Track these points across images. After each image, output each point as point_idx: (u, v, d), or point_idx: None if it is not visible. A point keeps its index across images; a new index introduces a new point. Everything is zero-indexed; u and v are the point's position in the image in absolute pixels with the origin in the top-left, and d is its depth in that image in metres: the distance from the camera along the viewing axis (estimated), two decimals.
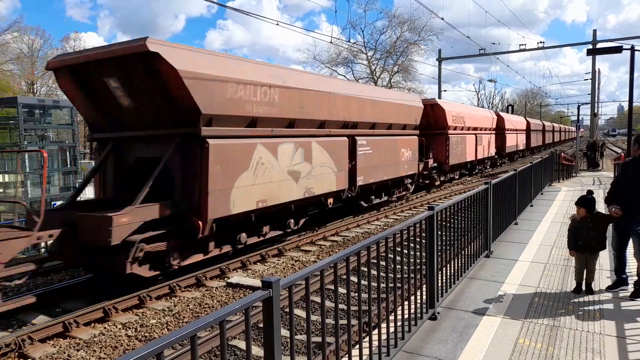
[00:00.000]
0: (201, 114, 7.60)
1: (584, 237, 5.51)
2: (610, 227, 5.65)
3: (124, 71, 7.68)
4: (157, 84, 7.53)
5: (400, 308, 4.14)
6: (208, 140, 7.79)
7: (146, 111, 8.04)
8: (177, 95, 7.52)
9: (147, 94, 7.77)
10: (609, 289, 5.59)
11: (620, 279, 5.59)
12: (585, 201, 5.59)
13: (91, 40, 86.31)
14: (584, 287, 5.59)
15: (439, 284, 5.00)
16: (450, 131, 20.36)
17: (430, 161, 19.21)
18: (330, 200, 11.92)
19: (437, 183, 20.61)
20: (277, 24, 14.62)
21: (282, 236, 10.93)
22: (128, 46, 7.27)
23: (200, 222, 7.75)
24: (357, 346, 3.57)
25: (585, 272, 5.58)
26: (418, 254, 4.61)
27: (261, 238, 9.89)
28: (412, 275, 4.54)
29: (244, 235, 9.24)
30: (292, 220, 10.67)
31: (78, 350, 5.90)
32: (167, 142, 7.94)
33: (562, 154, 20.65)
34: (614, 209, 5.34)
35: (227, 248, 9.01)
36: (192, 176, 7.86)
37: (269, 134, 9.26)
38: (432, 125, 19.79)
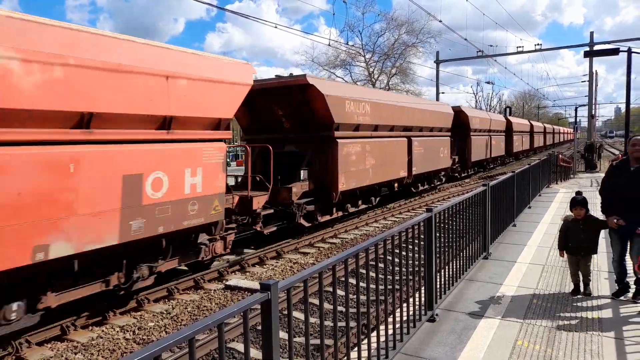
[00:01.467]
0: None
1: (575, 238, 5.50)
2: (605, 232, 5.61)
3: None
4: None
5: (399, 310, 4.13)
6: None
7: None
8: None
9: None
10: (614, 296, 5.43)
11: (624, 286, 5.44)
12: (582, 201, 5.54)
13: None
14: (581, 289, 5.58)
15: (438, 286, 5.00)
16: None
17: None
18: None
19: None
20: (276, 27, 14.66)
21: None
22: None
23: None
24: (356, 348, 3.57)
25: (580, 273, 5.57)
26: (417, 255, 4.61)
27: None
28: (410, 277, 4.54)
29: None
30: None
31: (76, 354, 5.87)
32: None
33: (560, 155, 20.70)
34: (615, 220, 5.20)
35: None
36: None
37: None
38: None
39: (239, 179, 12.49)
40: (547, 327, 4.68)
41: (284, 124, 12.25)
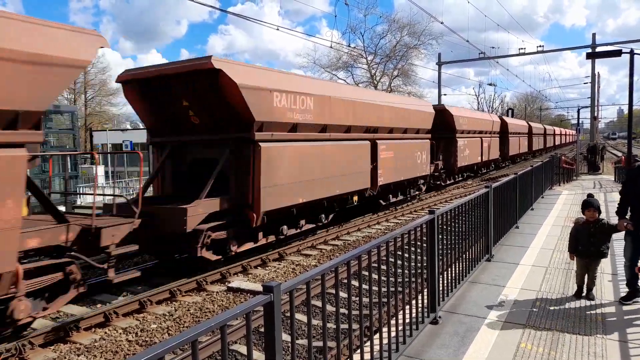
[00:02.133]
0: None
1: (585, 242, 5.45)
2: (615, 235, 5.57)
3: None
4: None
5: (401, 312, 4.13)
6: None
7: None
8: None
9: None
10: (622, 301, 5.34)
11: (634, 290, 5.34)
12: (595, 204, 5.47)
13: None
14: (584, 292, 5.55)
15: (440, 288, 4.99)
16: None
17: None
18: (355, 198, 13.13)
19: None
20: (277, 29, 14.75)
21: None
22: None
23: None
24: (359, 351, 3.56)
25: (586, 277, 5.53)
26: (419, 257, 4.60)
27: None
28: (413, 279, 4.54)
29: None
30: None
31: (78, 355, 5.88)
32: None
33: (563, 157, 20.65)
34: (625, 224, 5.20)
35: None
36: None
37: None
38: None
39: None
40: (550, 329, 4.67)
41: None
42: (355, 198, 13.09)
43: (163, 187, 10.25)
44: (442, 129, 20.68)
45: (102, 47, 6.26)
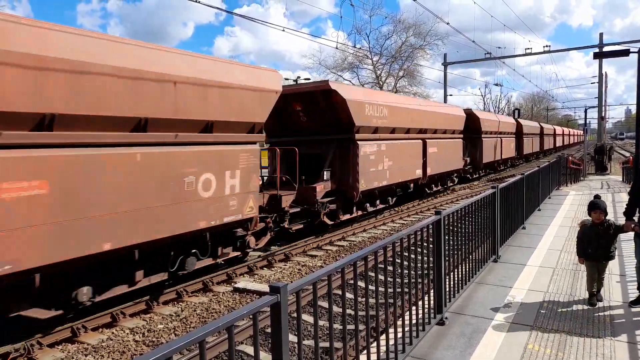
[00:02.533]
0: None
1: (594, 244, 5.33)
2: (623, 236, 5.50)
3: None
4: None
5: (408, 313, 4.12)
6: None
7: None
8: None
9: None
10: (632, 304, 5.25)
11: None
12: (601, 206, 5.40)
13: None
14: (596, 297, 5.39)
15: (447, 289, 4.97)
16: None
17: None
18: (412, 185, 16.50)
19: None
20: (283, 30, 14.78)
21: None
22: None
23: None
24: (365, 351, 3.56)
25: (595, 280, 5.42)
26: (425, 258, 4.59)
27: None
28: (419, 280, 4.52)
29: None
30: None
31: (86, 355, 5.92)
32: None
33: (570, 157, 20.52)
34: (633, 225, 5.13)
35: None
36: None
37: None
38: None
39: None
40: (558, 330, 4.64)
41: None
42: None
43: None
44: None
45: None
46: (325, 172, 12.07)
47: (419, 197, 18.38)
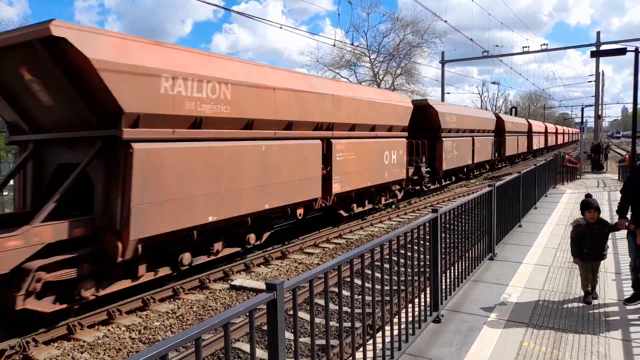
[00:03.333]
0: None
1: (589, 243, 5.31)
2: (618, 234, 5.51)
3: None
4: None
5: (404, 310, 4.13)
6: None
7: None
8: None
9: None
10: (627, 302, 5.26)
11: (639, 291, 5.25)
12: (595, 204, 5.39)
13: None
14: (591, 295, 5.40)
15: (443, 287, 4.99)
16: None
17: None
18: (300, 211, 10.65)
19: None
20: (281, 27, 14.71)
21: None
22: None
23: None
24: (361, 349, 3.56)
25: (590, 279, 5.43)
26: (422, 256, 4.60)
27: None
28: (416, 277, 4.53)
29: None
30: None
31: (82, 353, 5.91)
32: None
33: (566, 156, 20.58)
34: (627, 224, 5.14)
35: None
36: None
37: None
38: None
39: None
40: (553, 328, 4.66)
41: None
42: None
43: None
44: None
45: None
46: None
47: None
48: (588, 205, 5.40)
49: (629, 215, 5.29)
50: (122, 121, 6.50)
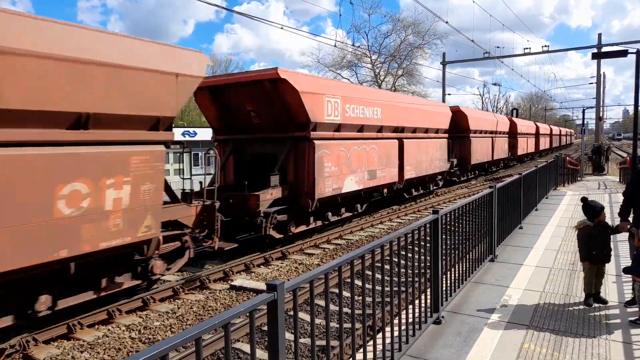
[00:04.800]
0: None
1: (598, 246, 5.24)
2: (619, 236, 5.48)
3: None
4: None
5: (404, 312, 4.12)
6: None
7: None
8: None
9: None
10: (627, 304, 5.23)
11: None
12: (599, 205, 5.37)
13: None
14: (592, 298, 5.35)
15: (444, 288, 4.98)
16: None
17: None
18: (385, 191, 14.77)
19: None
20: (282, 28, 14.79)
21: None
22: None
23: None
24: (362, 350, 3.56)
25: (594, 282, 5.37)
26: (422, 257, 4.59)
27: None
28: (416, 279, 4.53)
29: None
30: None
31: (82, 352, 5.91)
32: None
33: (568, 157, 20.57)
34: (629, 226, 5.12)
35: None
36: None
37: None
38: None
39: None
40: (554, 330, 4.65)
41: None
42: (385, 191, 14.65)
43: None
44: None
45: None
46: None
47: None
48: (594, 207, 5.35)
49: (630, 218, 5.28)
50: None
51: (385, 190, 14.68)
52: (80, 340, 6.21)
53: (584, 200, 5.59)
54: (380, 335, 3.78)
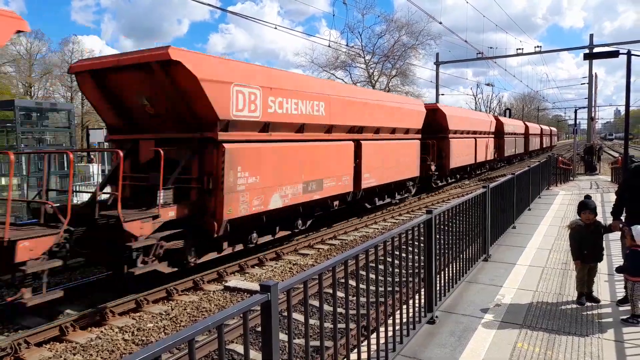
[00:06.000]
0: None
1: (590, 245, 5.28)
2: (612, 235, 5.52)
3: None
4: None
5: (398, 312, 4.13)
6: None
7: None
8: None
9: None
10: (620, 303, 5.27)
11: None
12: (593, 206, 5.39)
13: (94, 44, 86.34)
14: (585, 296, 5.38)
15: (438, 288, 4.99)
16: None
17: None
18: (336, 204, 12.07)
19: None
20: (275, 28, 14.79)
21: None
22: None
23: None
24: (356, 350, 3.56)
25: (586, 281, 5.41)
26: (416, 257, 4.60)
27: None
28: (410, 279, 4.53)
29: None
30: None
31: (74, 354, 5.86)
32: None
33: (560, 157, 20.71)
34: (621, 225, 5.16)
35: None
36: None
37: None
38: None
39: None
40: (547, 329, 4.68)
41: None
42: (336, 203, 12.16)
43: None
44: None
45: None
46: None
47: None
48: (584, 206, 5.41)
49: (623, 218, 5.32)
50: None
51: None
52: (72, 343, 6.16)
53: (585, 197, 5.67)
54: (374, 335, 3.77)
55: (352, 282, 3.65)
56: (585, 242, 5.32)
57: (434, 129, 19.98)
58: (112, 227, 6.84)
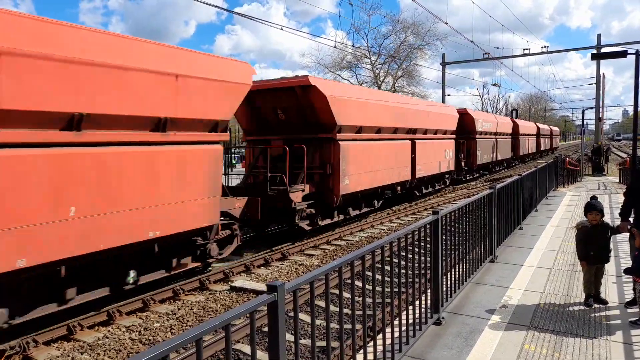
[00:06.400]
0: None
1: (596, 246, 5.25)
2: (619, 237, 5.47)
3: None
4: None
5: (404, 313, 4.12)
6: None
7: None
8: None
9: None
10: (628, 305, 5.22)
11: None
12: (599, 207, 5.36)
13: None
14: (593, 298, 5.34)
15: (444, 289, 4.98)
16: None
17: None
18: (399, 188, 15.84)
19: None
20: (282, 29, 14.85)
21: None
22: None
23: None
24: (362, 351, 3.56)
25: (593, 282, 5.37)
26: (423, 258, 4.59)
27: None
28: (416, 279, 4.53)
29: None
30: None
31: (82, 353, 5.90)
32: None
33: (567, 158, 20.58)
34: (629, 227, 5.12)
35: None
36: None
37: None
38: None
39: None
40: (554, 331, 4.65)
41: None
42: (399, 188, 15.78)
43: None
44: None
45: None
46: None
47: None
48: (591, 207, 5.38)
49: (631, 219, 5.28)
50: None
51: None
52: (80, 342, 6.21)
53: (592, 198, 5.63)
54: (380, 336, 3.77)
55: (358, 283, 3.65)
56: (591, 243, 5.29)
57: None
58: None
